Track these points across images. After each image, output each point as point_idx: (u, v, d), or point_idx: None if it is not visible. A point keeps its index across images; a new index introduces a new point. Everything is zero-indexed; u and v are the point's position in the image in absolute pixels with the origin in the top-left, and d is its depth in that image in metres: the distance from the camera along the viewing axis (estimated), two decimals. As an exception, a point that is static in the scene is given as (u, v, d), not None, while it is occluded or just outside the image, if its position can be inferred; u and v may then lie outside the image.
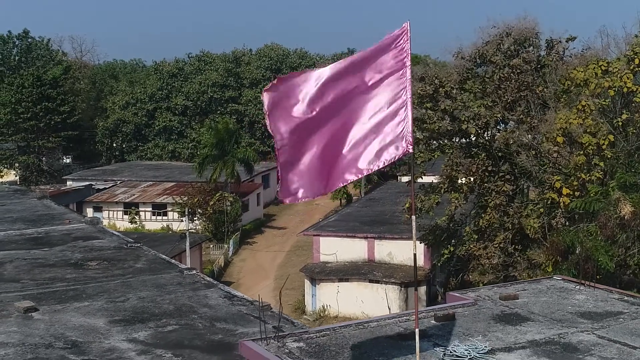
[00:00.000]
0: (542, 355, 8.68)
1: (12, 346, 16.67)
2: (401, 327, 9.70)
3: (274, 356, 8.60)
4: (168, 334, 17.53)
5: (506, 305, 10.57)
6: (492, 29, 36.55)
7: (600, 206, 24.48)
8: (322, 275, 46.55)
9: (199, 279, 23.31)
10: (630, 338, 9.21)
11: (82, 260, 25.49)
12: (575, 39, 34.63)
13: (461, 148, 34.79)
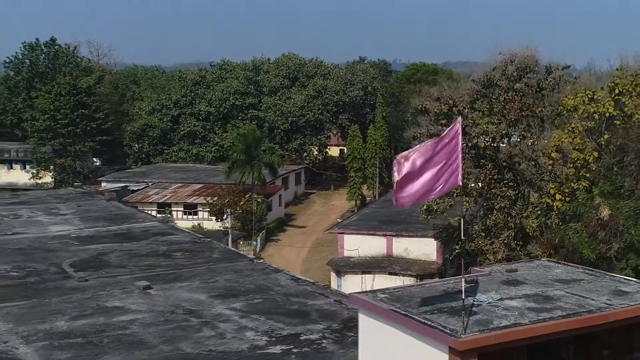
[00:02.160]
0: (531, 302, 14.38)
1: (145, 312, 22.48)
2: (445, 287, 15.40)
3: (374, 300, 14.32)
4: (256, 305, 23.33)
5: (509, 275, 16.26)
6: (499, 55, 42.26)
7: (585, 209, 30.23)
8: (347, 268, 52.31)
9: (266, 266, 29.19)
10: (585, 293, 14.89)
11: (168, 251, 31.36)
12: (569, 67, 40.28)
13: (472, 159, 40.49)
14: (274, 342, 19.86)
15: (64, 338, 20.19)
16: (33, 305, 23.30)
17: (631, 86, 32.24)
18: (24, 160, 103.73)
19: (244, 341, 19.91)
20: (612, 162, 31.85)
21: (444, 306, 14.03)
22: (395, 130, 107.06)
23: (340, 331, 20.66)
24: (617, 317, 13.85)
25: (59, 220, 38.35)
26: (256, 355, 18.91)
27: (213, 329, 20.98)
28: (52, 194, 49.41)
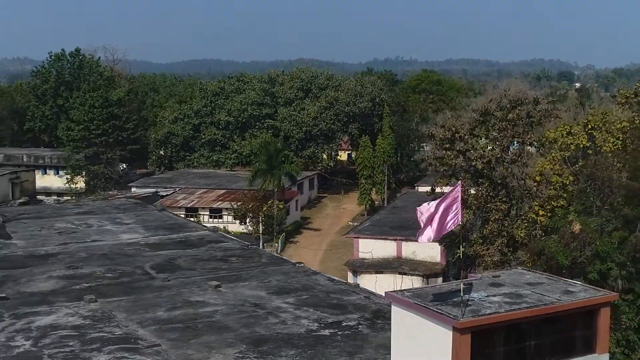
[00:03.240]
0: (507, 298, 21.23)
1: (221, 305, 29.31)
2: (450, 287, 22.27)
3: (402, 296, 21.16)
4: (305, 300, 30.16)
5: (494, 279, 23.13)
6: (494, 88, 49.03)
7: (561, 224, 37.09)
8: (362, 269, 59.19)
9: (306, 269, 36.05)
10: (544, 292, 21.75)
11: (224, 256, 38.20)
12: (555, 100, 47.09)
13: (471, 177, 47.35)
14: (323, 327, 26.67)
15: (167, 324, 27.03)
16: (135, 300, 30.15)
17: (601, 122, 38.97)
18: (57, 166, 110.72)
19: (300, 326, 26.74)
20: (584, 185, 38.58)
21: (449, 300, 20.85)
22: (401, 138, 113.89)
23: (371, 319, 27.47)
24: (563, 308, 20.70)
25: (125, 229, 45.16)
26: (312, 337, 25.71)
27: (276, 317, 27.82)
28: (109, 204, 56.09)
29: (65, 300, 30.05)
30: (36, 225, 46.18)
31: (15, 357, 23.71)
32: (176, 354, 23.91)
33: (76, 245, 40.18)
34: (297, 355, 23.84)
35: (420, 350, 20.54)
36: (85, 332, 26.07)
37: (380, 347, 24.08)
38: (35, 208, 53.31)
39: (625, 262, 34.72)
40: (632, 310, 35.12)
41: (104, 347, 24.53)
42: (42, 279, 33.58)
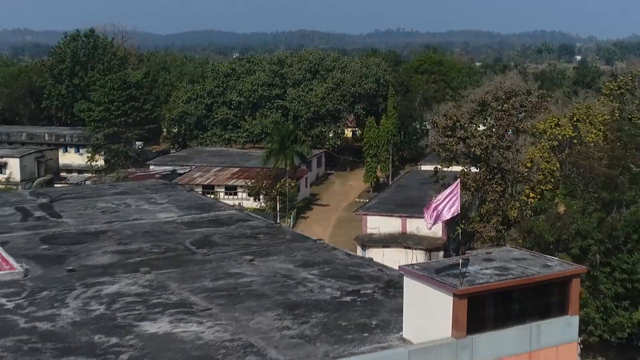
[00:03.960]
0: (497, 270, 26.14)
1: (257, 276, 34.20)
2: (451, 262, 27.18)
3: (412, 269, 26.09)
4: (327, 272, 35.05)
5: (486, 256, 28.07)
6: (490, 82, 53.64)
7: (548, 205, 41.97)
8: (370, 243, 64.18)
9: (326, 245, 40.99)
10: (527, 266, 26.65)
11: (252, 234, 43.07)
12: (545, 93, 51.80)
13: (470, 162, 52.16)
14: (344, 295, 31.57)
15: (214, 292, 31.96)
16: (182, 272, 35.05)
17: (585, 116, 43.66)
18: (77, 144, 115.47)
19: (326, 294, 31.66)
20: (569, 172, 43.38)
21: (450, 272, 25.75)
22: (404, 118, 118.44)
23: (384, 288, 32.38)
24: (541, 279, 25.65)
25: (161, 209, 49.97)
26: (335, 302, 30.61)
27: (304, 286, 32.74)
28: (142, 185, 60.78)
29: (123, 272, 34.98)
30: (80, 204, 50.96)
31: (94, 319, 28.67)
32: (225, 316, 28.85)
33: (120, 224, 45.07)
34: (325, 317, 28.74)
35: (427, 312, 25.50)
36: (147, 298, 31.03)
37: (393, 311, 28.97)
38: (75, 189, 58.09)
39: (603, 239, 39.59)
40: (609, 281, 40.03)
41: (165, 310, 29.49)
42: (98, 253, 38.49)
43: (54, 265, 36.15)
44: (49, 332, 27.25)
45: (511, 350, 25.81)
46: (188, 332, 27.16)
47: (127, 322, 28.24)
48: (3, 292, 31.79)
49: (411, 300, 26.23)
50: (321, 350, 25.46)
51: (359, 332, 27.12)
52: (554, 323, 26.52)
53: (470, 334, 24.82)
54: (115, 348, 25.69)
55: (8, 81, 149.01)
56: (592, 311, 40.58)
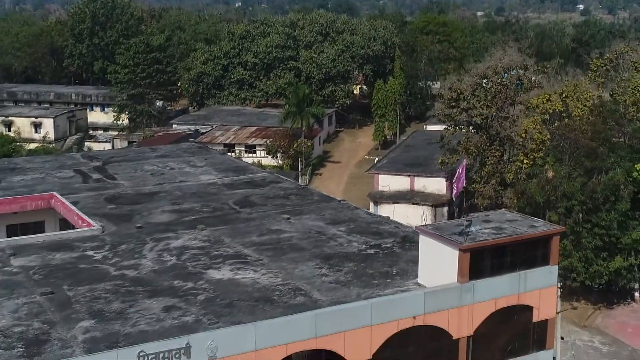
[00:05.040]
0: (493, 230, 32.55)
1: (294, 232, 40.55)
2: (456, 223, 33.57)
3: (426, 229, 32.54)
4: (353, 228, 41.40)
5: (485, 218, 34.48)
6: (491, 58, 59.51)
7: (539, 171, 48.30)
8: (382, 200, 70.63)
9: (349, 205, 47.35)
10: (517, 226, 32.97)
11: (285, 195, 49.35)
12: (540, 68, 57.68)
13: (472, 130, 58.29)
14: (368, 248, 37.98)
15: (261, 245, 38.40)
16: (231, 229, 41.40)
17: (572, 92, 49.67)
18: (103, 103, 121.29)
19: (353, 247, 38.11)
20: (558, 142, 49.56)
21: (456, 231, 32.22)
22: (410, 77, 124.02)
23: (401, 242, 38.79)
24: (529, 237, 32.14)
25: (201, 172, 56.08)
26: (362, 254, 37.02)
27: (335, 241, 39.15)
28: (179, 148, 66.72)
29: (183, 228, 41.36)
30: (129, 167, 57.01)
31: (170, 267, 35.12)
32: (274, 265, 35.34)
33: (169, 185, 51.29)
34: (355, 266, 35.19)
35: (437, 263, 32.02)
36: (208, 251, 37.49)
37: (409, 262, 35.40)
38: (121, 152, 64.02)
39: (585, 200, 45.92)
40: (590, 236, 46.43)
41: (225, 261, 35.95)
42: (157, 212, 44.80)
43: (123, 222, 42.53)
44: (137, 278, 33.74)
45: (504, 292, 32.42)
46: (247, 278, 33.64)
47: (196, 270, 34.73)
48: (89, 246, 38.26)
49: (425, 254, 32.73)
50: (354, 292, 31.97)
51: (383, 278, 33.61)
52: (538, 271, 33.09)
53: (471, 280, 31.39)
54: (192, 291, 32.19)
55: (30, 41, 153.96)
56: (575, 261, 47.08)
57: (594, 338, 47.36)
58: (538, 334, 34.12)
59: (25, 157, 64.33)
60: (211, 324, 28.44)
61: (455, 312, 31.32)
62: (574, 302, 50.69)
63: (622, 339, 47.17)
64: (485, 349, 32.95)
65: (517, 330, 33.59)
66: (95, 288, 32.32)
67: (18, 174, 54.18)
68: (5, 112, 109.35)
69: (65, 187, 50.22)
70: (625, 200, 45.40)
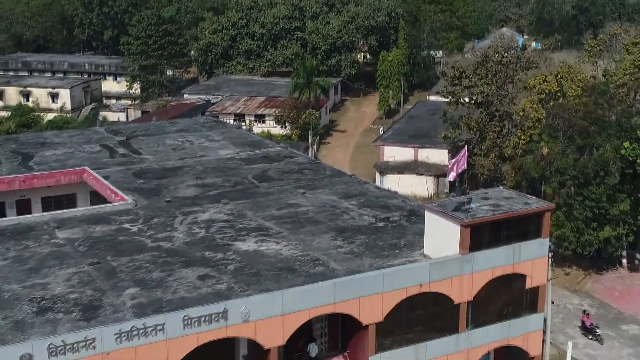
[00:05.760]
0: (491, 207, 36.10)
1: (310, 206, 44.09)
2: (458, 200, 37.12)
3: (431, 205, 36.12)
4: (363, 202, 44.93)
5: (484, 195, 38.02)
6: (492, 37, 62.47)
7: (535, 147, 51.74)
8: (387, 170, 74.14)
9: (358, 179, 50.81)
10: (513, 203, 36.50)
11: (299, 169, 52.75)
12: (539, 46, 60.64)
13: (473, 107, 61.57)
14: (378, 221, 41.48)
15: (281, 219, 41.90)
16: (251, 202, 44.90)
17: (567, 73, 52.91)
18: (115, 73, 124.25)
19: (364, 220, 41.64)
20: (552, 121, 52.86)
21: (459, 208, 35.77)
22: (413, 47, 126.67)
23: (408, 216, 42.32)
24: (523, 213, 35.72)
25: (219, 146, 59.32)
26: (372, 227, 40.57)
27: (347, 214, 42.68)
28: (196, 122, 69.85)
29: (208, 202, 44.85)
30: (152, 142, 60.18)
31: (200, 239, 38.71)
32: (294, 238, 38.92)
33: (191, 160, 54.67)
34: (366, 239, 38.76)
35: (441, 236, 35.65)
36: (233, 224, 41.05)
37: (416, 234, 38.96)
38: (142, 126, 67.02)
39: (577, 175, 49.39)
40: (581, 208, 49.94)
41: (249, 233, 39.51)
42: (182, 187, 48.26)
43: (152, 196, 46.04)
44: (171, 249, 37.38)
45: (500, 262, 36.13)
46: (270, 250, 37.27)
47: (224, 242, 38.35)
48: (125, 219, 41.84)
49: (430, 228, 36.35)
50: (367, 262, 35.63)
51: (392, 250, 37.24)
52: (531, 244, 36.77)
53: (472, 251, 35.06)
54: (222, 261, 35.83)
55: (41, 10, 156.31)
56: (567, 231, 50.68)
57: (583, 302, 51.11)
58: (530, 299, 37.95)
59: (54, 132, 67.55)
60: (242, 291, 32.14)
61: (457, 280, 35.05)
62: (566, 269, 54.39)
63: (609, 302, 50.93)
64: (483, 312, 36.81)
65: (511, 295, 37.42)
66: (136, 259, 35.97)
67: (49, 148, 57.52)
68: (23, 82, 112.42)
69: (94, 162, 53.57)
70: (613, 175, 48.87)
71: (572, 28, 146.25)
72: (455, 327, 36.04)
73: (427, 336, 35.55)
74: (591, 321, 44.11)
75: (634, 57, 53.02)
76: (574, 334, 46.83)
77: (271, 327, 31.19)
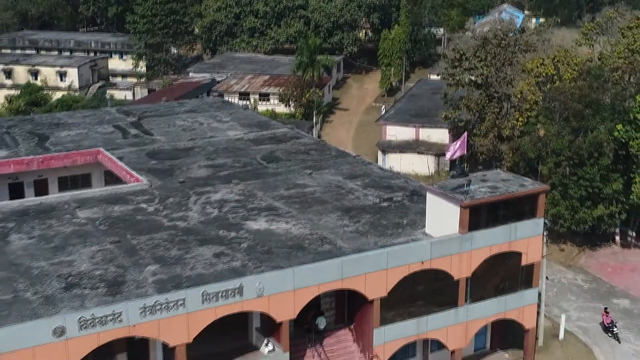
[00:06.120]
0: (489, 189, 38.14)
1: (316, 187, 45.88)
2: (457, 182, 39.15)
3: (432, 187, 38.16)
4: (367, 183, 46.95)
5: (482, 177, 40.03)
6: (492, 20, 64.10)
7: (532, 129, 53.67)
8: (389, 149, 76.06)
9: (362, 160, 52.76)
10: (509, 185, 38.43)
11: (305, 150, 54.68)
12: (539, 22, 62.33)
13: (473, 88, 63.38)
14: (382, 201, 43.49)
15: (289, 199, 43.90)
16: (262, 183, 46.82)
17: (563, 57, 54.69)
18: (121, 51, 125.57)
19: (369, 200, 43.66)
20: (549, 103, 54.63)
21: (458, 190, 37.77)
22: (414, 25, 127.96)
23: (410, 196, 44.33)
24: (519, 194, 37.76)
25: (227, 127, 61.14)
26: (377, 206, 42.56)
27: (352, 194, 44.67)
28: (204, 102, 71.63)
29: (219, 183, 46.81)
30: (162, 122, 61.97)
31: (214, 219, 40.75)
32: (303, 217, 40.96)
33: (201, 141, 56.54)
34: (371, 218, 40.78)
35: (442, 217, 37.71)
36: (244, 204, 43.06)
37: (418, 213, 40.98)
38: (152, 107, 68.69)
39: (572, 156, 51.30)
40: (576, 187, 51.87)
41: (260, 213, 41.55)
42: (194, 167, 50.19)
43: (166, 177, 48.02)
44: (187, 228, 39.44)
45: (497, 241, 38.24)
46: (280, 229, 39.33)
47: (237, 221, 40.42)
48: (141, 199, 43.85)
49: (431, 209, 38.40)
50: (372, 240, 37.71)
51: (395, 229, 39.31)
52: (527, 223, 38.84)
53: (470, 231, 37.16)
54: (236, 239, 37.90)
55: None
56: (563, 209, 52.69)
57: (577, 276, 53.26)
58: (526, 275, 40.15)
59: (67, 113, 69.31)
60: (256, 268, 34.28)
61: (456, 258, 37.21)
62: (562, 245, 56.48)
63: (602, 277, 53.07)
64: (481, 287, 39.02)
65: (508, 272, 39.59)
66: (154, 237, 38.07)
67: (63, 129, 59.38)
68: (32, 61, 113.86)
69: (108, 143, 55.47)
70: (607, 156, 50.81)
71: (572, 5, 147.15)
72: (455, 301, 38.26)
73: (428, 310, 37.81)
74: (611, 319, 45.02)
75: (629, 41, 54.71)
76: (567, 307, 49.03)
77: (283, 302, 33.36)
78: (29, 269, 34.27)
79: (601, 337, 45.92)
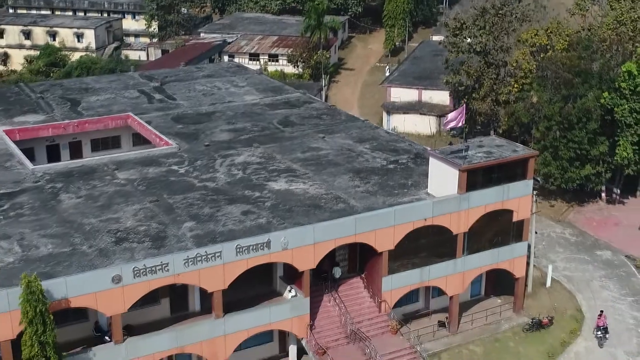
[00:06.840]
0: (484, 154, 42.55)
1: (329, 149, 50.07)
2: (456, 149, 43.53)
3: (434, 152, 42.61)
4: (375, 146, 51.16)
5: (479, 143, 44.41)
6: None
7: (526, 95, 57.90)
8: (394, 110, 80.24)
9: (370, 124, 56.97)
10: (503, 151, 42.85)
11: (317, 114, 58.77)
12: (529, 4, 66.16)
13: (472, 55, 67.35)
14: (389, 163, 47.68)
15: (305, 161, 48.17)
16: (280, 146, 50.96)
17: (556, 29, 58.64)
18: (134, 11, 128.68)
19: (377, 162, 47.75)
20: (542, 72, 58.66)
21: (457, 155, 42.20)
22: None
23: (414, 159, 48.60)
24: (511, 159, 42.18)
25: (244, 92, 65.03)
26: (384, 168, 46.68)
27: (362, 157, 48.87)
28: (221, 67, 75.32)
29: (241, 146, 50.99)
30: (183, 87, 65.74)
31: (239, 180, 45.10)
32: (318, 178, 45.32)
33: (221, 105, 60.52)
34: (379, 179, 45.16)
35: (443, 179, 42.20)
36: (265, 166, 47.35)
37: (421, 175, 45.31)
38: (172, 72, 72.40)
39: (562, 121, 55.58)
40: (566, 149, 56.21)
41: (280, 174, 45.88)
42: (217, 131, 54.30)
43: (192, 140, 52.17)
44: (216, 188, 43.84)
45: (491, 200, 42.76)
46: (299, 189, 43.74)
47: (260, 182, 44.80)
48: (172, 162, 48.04)
49: (433, 171, 42.84)
50: (380, 200, 42.18)
51: (401, 189, 43.75)
52: (518, 184, 43.30)
53: (468, 191, 41.63)
54: (260, 199, 42.33)
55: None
56: (553, 169, 57.15)
57: (565, 230, 57.93)
58: (517, 230, 44.78)
59: (94, 77, 73.16)
60: (280, 224, 38.88)
61: (455, 215, 41.77)
62: (552, 201, 61.08)
63: (588, 231, 57.75)
64: (476, 241, 43.68)
65: (501, 227, 44.21)
66: (188, 197, 42.50)
67: (92, 94, 63.33)
68: (50, 22, 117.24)
69: (136, 107, 59.45)
70: (594, 121, 55.09)
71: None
72: (453, 253, 43.01)
73: (430, 261, 42.58)
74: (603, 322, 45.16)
75: (617, 13, 58.52)
76: (555, 258, 53.80)
77: (304, 254, 38.05)
78: (81, 225, 38.75)
79: (584, 285, 50.77)
